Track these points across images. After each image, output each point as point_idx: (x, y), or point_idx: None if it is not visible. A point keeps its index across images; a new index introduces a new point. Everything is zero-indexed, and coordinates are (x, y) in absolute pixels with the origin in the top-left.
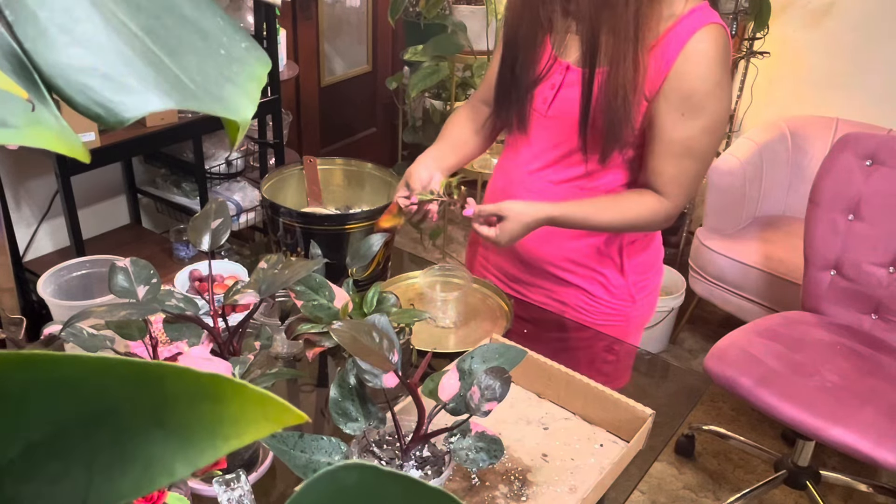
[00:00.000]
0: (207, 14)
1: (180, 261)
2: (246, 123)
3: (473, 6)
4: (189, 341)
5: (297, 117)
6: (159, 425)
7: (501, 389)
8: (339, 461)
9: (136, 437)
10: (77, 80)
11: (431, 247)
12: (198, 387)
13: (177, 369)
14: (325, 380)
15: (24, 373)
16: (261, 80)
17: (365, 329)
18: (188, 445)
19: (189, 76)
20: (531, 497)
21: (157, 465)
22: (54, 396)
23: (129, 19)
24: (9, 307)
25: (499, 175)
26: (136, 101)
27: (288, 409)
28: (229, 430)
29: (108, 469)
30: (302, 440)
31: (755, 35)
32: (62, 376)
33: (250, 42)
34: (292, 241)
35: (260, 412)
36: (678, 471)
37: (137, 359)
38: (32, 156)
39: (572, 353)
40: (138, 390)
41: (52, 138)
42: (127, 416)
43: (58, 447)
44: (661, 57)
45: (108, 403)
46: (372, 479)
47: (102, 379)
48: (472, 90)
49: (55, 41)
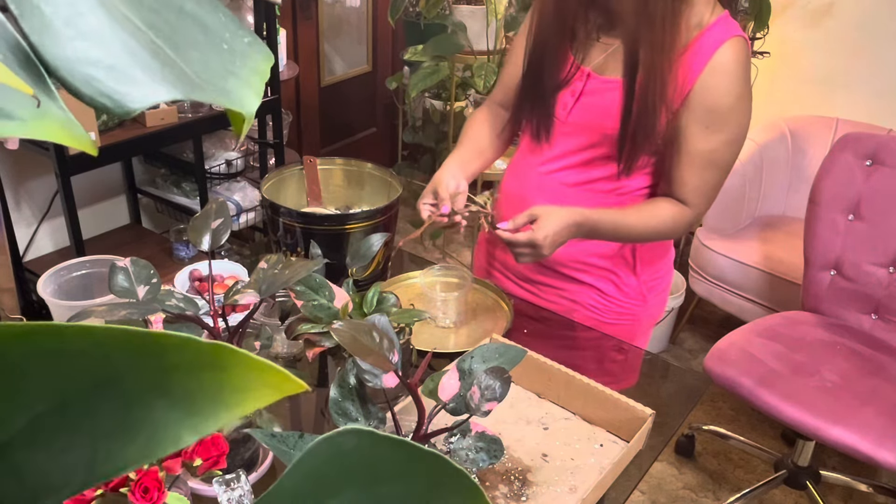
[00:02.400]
0: (209, 9)
1: (180, 261)
2: (251, 116)
3: (473, 6)
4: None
5: (297, 117)
6: (163, 394)
7: (501, 389)
8: None
9: (139, 406)
10: (83, 71)
11: (431, 247)
12: (200, 356)
13: (179, 338)
14: (325, 380)
15: (27, 344)
16: (264, 74)
17: (365, 329)
18: (192, 413)
19: (193, 69)
20: (531, 497)
21: (161, 433)
22: (57, 367)
23: (132, 14)
24: (9, 307)
25: (511, 177)
26: (142, 91)
27: (288, 377)
28: (231, 399)
29: (112, 438)
30: (302, 440)
31: (755, 35)
32: (65, 347)
33: (252, 37)
34: (292, 241)
35: (261, 380)
36: (678, 471)
37: (140, 328)
38: (32, 156)
39: (574, 352)
40: (141, 360)
41: (59, 131)
42: (130, 386)
43: (62, 417)
44: (688, 67)
45: (112, 373)
46: (370, 444)
47: (105, 349)
48: (471, 90)
49: (60, 34)
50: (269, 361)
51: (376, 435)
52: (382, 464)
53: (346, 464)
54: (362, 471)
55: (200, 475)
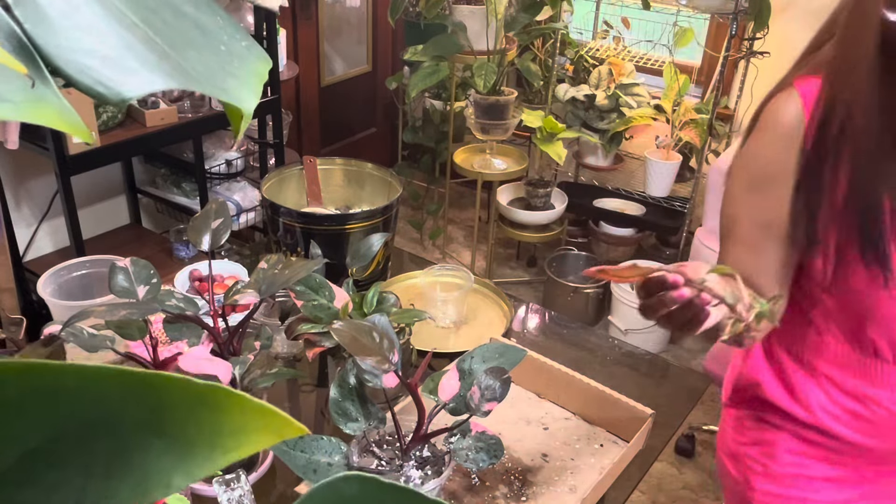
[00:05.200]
0: (207, 12)
1: (180, 261)
2: (249, 114)
3: (473, 6)
4: (189, 341)
5: (297, 117)
6: (158, 435)
7: (501, 389)
8: (340, 461)
9: (134, 447)
10: (78, 60)
11: (431, 247)
12: (196, 396)
13: (175, 379)
14: (325, 380)
15: (23, 380)
16: (262, 76)
17: (365, 329)
18: (187, 456)
19: (190, 66)
20: (531, 497)
21: (154, 476)
22: (52, 404)
23: (129, 11)
24: (9, 307)
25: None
26: (138, 80)
27: (288, 421)
28: (228, 441)
29: (105, 478)
30: (302, 440)
31: (755, 35)
32: (60, 384)
33: (250, 41)
34: (292, 241)
35: (260, 423)
36: (678, 471)
37: (136, 368)
38: (32, 156)
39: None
40: (136, 399)
41: (53, 115)
42: (125, 425)
43: (55, 455)
44: None
45: (106, 412)
46: (373, 491)
47: (100, 387)
48: (471, 90)
49: (56, 25)
50: (268, 404)
51: (379, 482)
52: None
53: None
54: None
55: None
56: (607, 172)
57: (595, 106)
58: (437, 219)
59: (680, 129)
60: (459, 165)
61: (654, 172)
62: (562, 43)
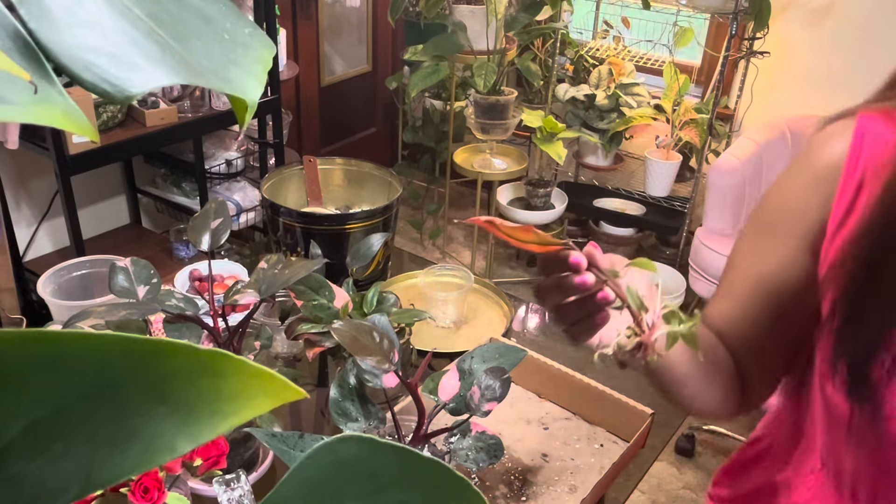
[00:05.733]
0: (209, 0)
1: (180, 261)
2: (254, 103)
3: (473, 6)
4: (189, 341)
5: (297, 117)
6: (160, 402)
7: (501, 389)
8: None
9: (137, 414)
10: (83, 57)
11: (431, 247)
12: (197, 363)
13: (176, 345)
14: (325, 380)
15: (25, 350)
16: (266, 63)
17: (365, 329)
18: (189, 421)
19: (195, 58)
20: (531, 497)
21: (158, 441)
22: (55, 374)
23: (133, 3)
24: (9, 307)
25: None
26: (143, 76)
27: (287, 384)
28: (229, 406)
29: (109, 446)
30: (302, 440)
31: (755, 35)
32: (62, 353)
33: (253, 28)
34: (292, 241)
35: (259, 388)
36: (678, 471)
37: (137, 335)
38: (32, 156)
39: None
40: (138, 367)
41: (58, 115)
42: (128, 393)
43: (59, 425)
44: None
45: (109, 380)
46: (370, 451)
47: (103, 355)
48: (471, 90)
49: (59, 22)
50: (267, 368)
51: (376, 442)
52: (383, 471)
53: (346, 471)
54: (362, 479)
55: (200, 475)
56: (607, 172)
57: (595, 106)
58: (437, 219)
59: (680, 129)
60: (459, 165)
61: (654, 172)
62: (562, 43)
